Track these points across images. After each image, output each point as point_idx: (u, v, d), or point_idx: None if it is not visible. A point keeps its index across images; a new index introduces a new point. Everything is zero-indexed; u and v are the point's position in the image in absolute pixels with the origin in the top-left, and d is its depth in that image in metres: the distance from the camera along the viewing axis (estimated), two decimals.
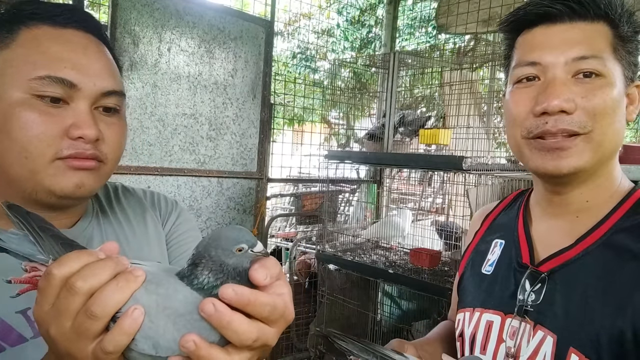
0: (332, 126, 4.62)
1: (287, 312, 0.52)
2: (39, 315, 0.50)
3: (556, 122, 0.78)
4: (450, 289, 2.28)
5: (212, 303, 0.47)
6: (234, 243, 0.50)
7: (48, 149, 0.69)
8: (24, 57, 0.70)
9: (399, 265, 2.73)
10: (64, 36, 0.73)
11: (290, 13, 4.61)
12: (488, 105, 3.28)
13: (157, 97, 2.52)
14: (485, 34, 3.13)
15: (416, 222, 3.36)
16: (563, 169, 0.80)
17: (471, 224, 1.13)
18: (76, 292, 0.47)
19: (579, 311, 0.78)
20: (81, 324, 0.47)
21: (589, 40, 0.79)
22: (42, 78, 0.68)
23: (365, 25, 6.69)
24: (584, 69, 0.78)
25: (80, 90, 0.71)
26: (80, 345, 0.48)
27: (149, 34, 2.47)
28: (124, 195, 0.93)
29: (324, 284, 3.02)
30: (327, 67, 4.77)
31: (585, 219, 0.84)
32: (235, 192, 2.94)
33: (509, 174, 2.28)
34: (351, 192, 4.02)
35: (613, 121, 0.79)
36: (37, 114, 0.69)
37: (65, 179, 0.71)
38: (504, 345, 0.85)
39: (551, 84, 0.79)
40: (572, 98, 0.77)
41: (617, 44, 0.80)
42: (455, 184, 2.90)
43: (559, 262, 0.84)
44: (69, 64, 0.70)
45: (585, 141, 0.78)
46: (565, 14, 0.81)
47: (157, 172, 2.56)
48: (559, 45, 0.80)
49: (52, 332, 0.49)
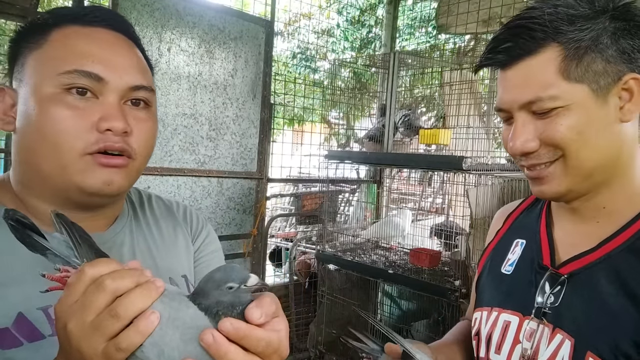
0: (332, 126, 4.62)
1: (282, 349, 0.56)
2: (60, 309, 0.53)
3: (527, 159, 0.83)
4: (450, 289, 2.28)
5: (212, 334, 0.50)
6: (223, 284, 0.54)
7: (77, 142, 0.70)
8: (53, 54, 0.71)
9: (399, 265, 2.73)
10: (92, 34, 0.74)
11: (290, 13, 4.61)
12: (488, 105, 3.28)
13: (157, 97, 2.52)
14: (485, 34, 3.13)
15: (416, 222, 3.36)
16: (545, 195, 0.84)
17: (493, 222, 1.12)
18: (104, 289, 0.51)
19: (597, 315, 0.78)
20: (102, 321, 0.50)
21: (534, 81, 0.78)
22: (70, 72, 0.70)
23: (365, 25, 6.69)
24: (536, 110, 0.79)
25: (108, 84, 0.72)
26: (93, 342, 0.50)
27: (149, 34, 2.47)
28: (157, 204, 0.93)
29: (324, 284, 3.02)
30: (327, 67, 4.77)
31: (607, 224, 0.83)
32: (235, 192, 2.94)
33: (509, 174, 2.28)
34: (351, 192, 4.02)
35: (584, 142, 0.77)
36: (66, 108, 0.70)
37: (94, 175, 0.71)
38: (520, 346, 0.85)
39: (514, 127, 0.83)
40: (531, 138, 0.80)
41: (569, 63, 0.76)
42: (455, 184, 2.90)
43: (580, 265, 0.83)
44: (96, 59, 0.72)
45: (560, 165, 0.80)
46: (508, 60, 0.81)
47: (157, 172, 2.56)
48: (511, 90, 0.82)
49: (70, 326, 0.51)
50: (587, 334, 0.77)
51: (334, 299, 3.00)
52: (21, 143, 0.73)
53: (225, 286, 0.54)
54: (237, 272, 0.55)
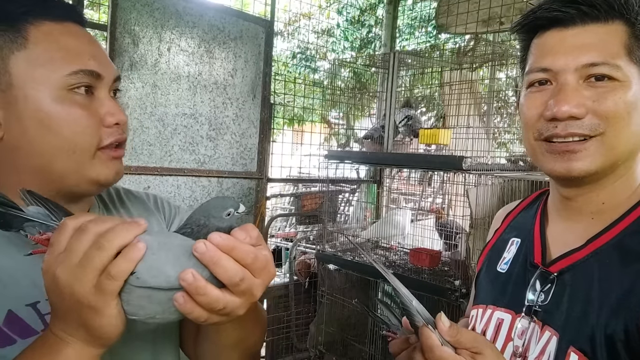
0: (332, 126, 4.62)
1: (270, 267, 0.59)
2: (47, 263, 0.54)
3: (566, 126, 0.78)
4: (449, 288, 2.28)
5: (204, 243, 0.53)
6: (222, 210, 0.59)
7: (93, 140, 0.73)
8: (48, 55, 0.71)
9: (399, 265, 2.73)
10: (71, 30, 0.75)
11: (290, 13, 4.60)
12: (488, 105, 3.28)
13: (157, 97, 2.52)
14: (485, 34, 3.13)
15: (416, 222, 3.36)
16: (573, 172, 0.79)
17: (493, 222, 1.13)
18: (87, 231, 0.53)
19: (580, 311, 0.78)
20: (88, 255, 0.52)
21: (601, 45, 0.77)
22: (77, 73, 0.71)
23: (365, 25, 6.69)
24: (595, 74, 0.77)
25: (103, 79, 0.75)
26: (83, 279, 0.52)
27: (149, 33, 2.47)
28: (127, 197, 0.94)
29: (323, 284, 3.02)
30: (327, 67, 4.77)
31: (600, 221, 0.84)
32: (235, 192, 2.94)
33: (508, 174, 2.28)
34: (351, 192, 4.01)
35: (627, 124, 0.77)
36: (78, 108, 0.72)
37: (108, 168, 0.76)
38: (512, 344, 0.86)
39: (562, 89, 0.78)
40: (582, 103, 0.77)
41: (633, 44, 0.77)
42: (455, 184, 2.89)
43: (568, 263, 0.83)
44: (89, 56, 0.74)
45: (597, 144, 0.77)
46: (576, 18, 0.79)
47: (157, 172, 2.56)
48: (570, 51, 0.79)
49: (58, 272, 0.53)
50: (570, 330, 0.78)
51: (333, 299, 3.00)
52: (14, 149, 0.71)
53: (224, 213, 0.58)
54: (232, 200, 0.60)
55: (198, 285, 0.52)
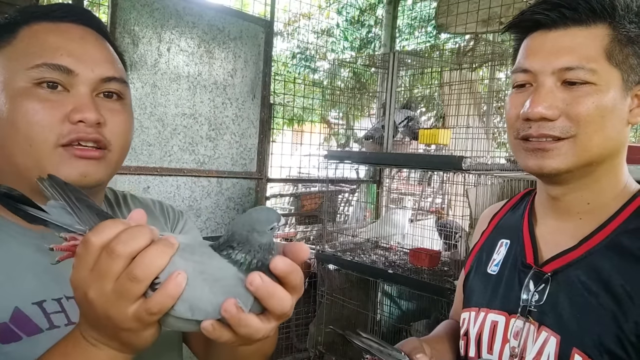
0: (331, 126, 4.62)
1: (302, 284, 0.56)
2: (76, 280, 0.52)
3: (539, 127, 0.80)
4: (449, 288, 2.28)
5: (259, 275, 0.50)
6: (267, 224, 0.54)
7: (50, 134, 0.70)
8: (23, 50, 0.71)
9: (399, 265, 2.73)
10: (61, 29, 0.75)
11: (290, 13, 4.60)
12: (487, 105, 3.28)
13: (156, 97, 2.52)
14: (485, 34, 3.13)
15: (416, 222, 3.36)
16: (545, 169, 0.82)
17: (479, 223, 1.13)
18: (117, 255, 0.49)
19: (581, 312, 0.79)
20: (123, 286, 0.49)
21: (578, 49, 0.78)
22: (40, 66, 0.70)
23: (365, 25, 6.69)
24: (570, 78, 0.78)
25: (78, 76, 0.72)
26: (121, 308, 0.50)
27: (149, 34, 2.47)
28: (132, 202, 0.94)
29: (323, 284, 3.02)
30: (326, 67, 4.76)
31: (589, 221, 0.84)
32: (235, 192, 2.94)
33: (508, 174, 2.28)
34: (351, 192, 4.01)
35: (601, 127, 0.78)
36: (38, 101, 0.70)
37: (69, 167, 0.71)
38: (509, 345, 0.86)
39: (537, 91, 0.81)
40: (555, 105, 0.79)
41: (615, 48, 0.78)
42: (455, 184, 2.89)
43: (563, 263, 0.84)
44: (65, 52, 0.72)
45: (569, 144, 0.79)
46: (558, 21, 0.80)
47: (157, 172, 2.56)
48: (548, 55, 0.80)
49: (91, 295, 0.51)
50: (573, 331, 0.78)
51: (333, 299, 3.00)
52: None
53: (268, 227, 0.54)
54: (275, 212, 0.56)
55: (241, 318, 0.50)
